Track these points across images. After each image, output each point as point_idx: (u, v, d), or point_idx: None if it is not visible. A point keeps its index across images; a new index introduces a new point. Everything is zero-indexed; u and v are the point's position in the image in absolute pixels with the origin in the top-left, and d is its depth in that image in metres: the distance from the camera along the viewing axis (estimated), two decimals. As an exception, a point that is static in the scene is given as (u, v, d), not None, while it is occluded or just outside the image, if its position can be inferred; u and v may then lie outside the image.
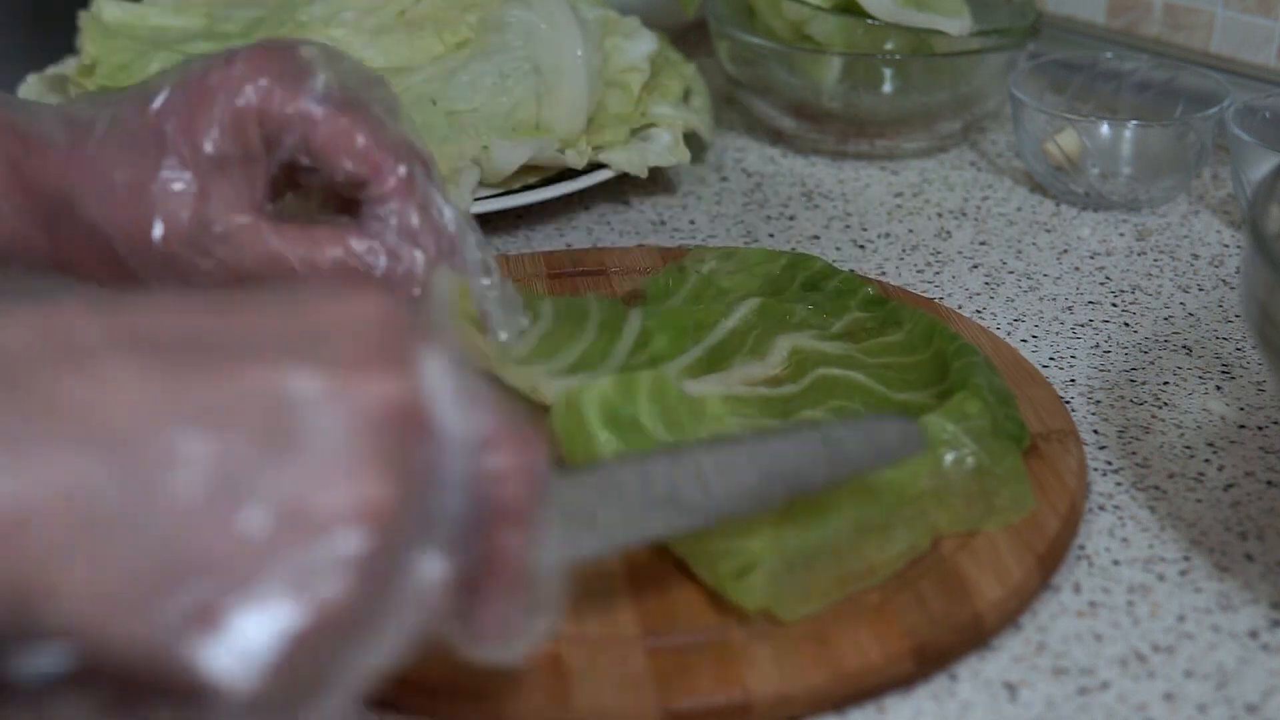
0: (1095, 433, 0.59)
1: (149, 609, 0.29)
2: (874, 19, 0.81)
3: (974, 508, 0.50)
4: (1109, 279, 0.72)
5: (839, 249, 0.75)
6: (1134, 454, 0.57)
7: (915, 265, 0.73)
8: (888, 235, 0.76)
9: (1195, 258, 0.74)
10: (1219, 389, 0.62)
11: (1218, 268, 0.73)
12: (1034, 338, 0.66)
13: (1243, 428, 0.59)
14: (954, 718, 0.44)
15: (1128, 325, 0.67)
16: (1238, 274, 0.71)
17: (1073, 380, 0.63)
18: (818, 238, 0.76)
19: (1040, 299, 0.70)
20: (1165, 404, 0.61)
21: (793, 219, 0.78)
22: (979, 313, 0.68)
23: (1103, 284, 0.71)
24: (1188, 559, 0.51)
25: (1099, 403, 0.61)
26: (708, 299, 0.63)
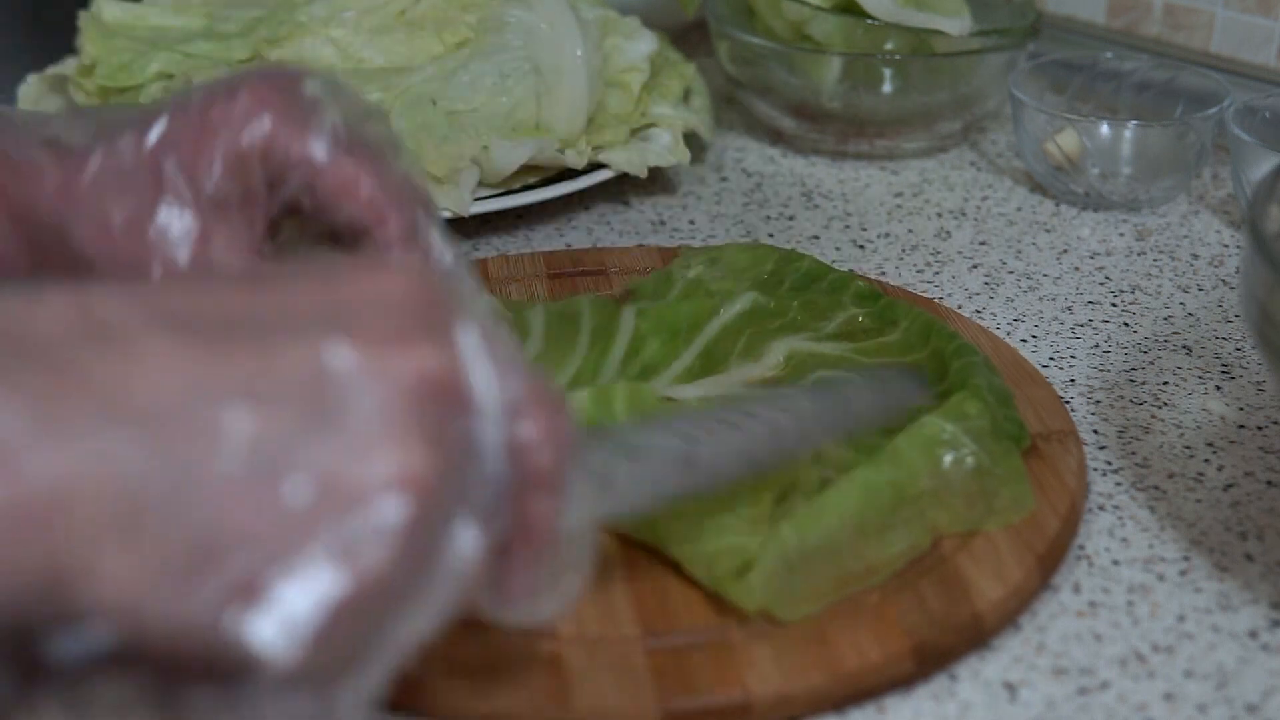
0: (1095, 433, 0.59)
1: (189, 586, 0.29)
2: (874, 19, 0.81)
3: (974, 508, 0.50)
4: (1109, 279, 0.72)
5: (839, 249, 0.75)
6: (1134, 454, 0.57)
7: (915, 265, 0.73)
8: (887, 235, 0.76)
9: (1195, 258, 0.74)
10: (1219, 389, 0.62)
11: (1218, 268, 0.73)
12: (1034, 338, 0.66)
13: (1242, 428, 0.59)
14: (954, 718, 0.44)
15: (1127, 325, 0.67)
16: (1238, 274, 0.71)
17: (1072, 380, 0.63)
18: (817, 238, 0.76)
19: (1040, 299, 0.70)
20: (1165, 404, 0.61)
21: (792, 219, 0.78)
22: (979, 313, 0.68)
23: (1102, 284, 0.71)
24: (1188, 559, 0.51)
25: (1099, 403, 0.61)
26: (698, 297, 0.63)
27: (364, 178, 0.49)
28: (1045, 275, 0.72)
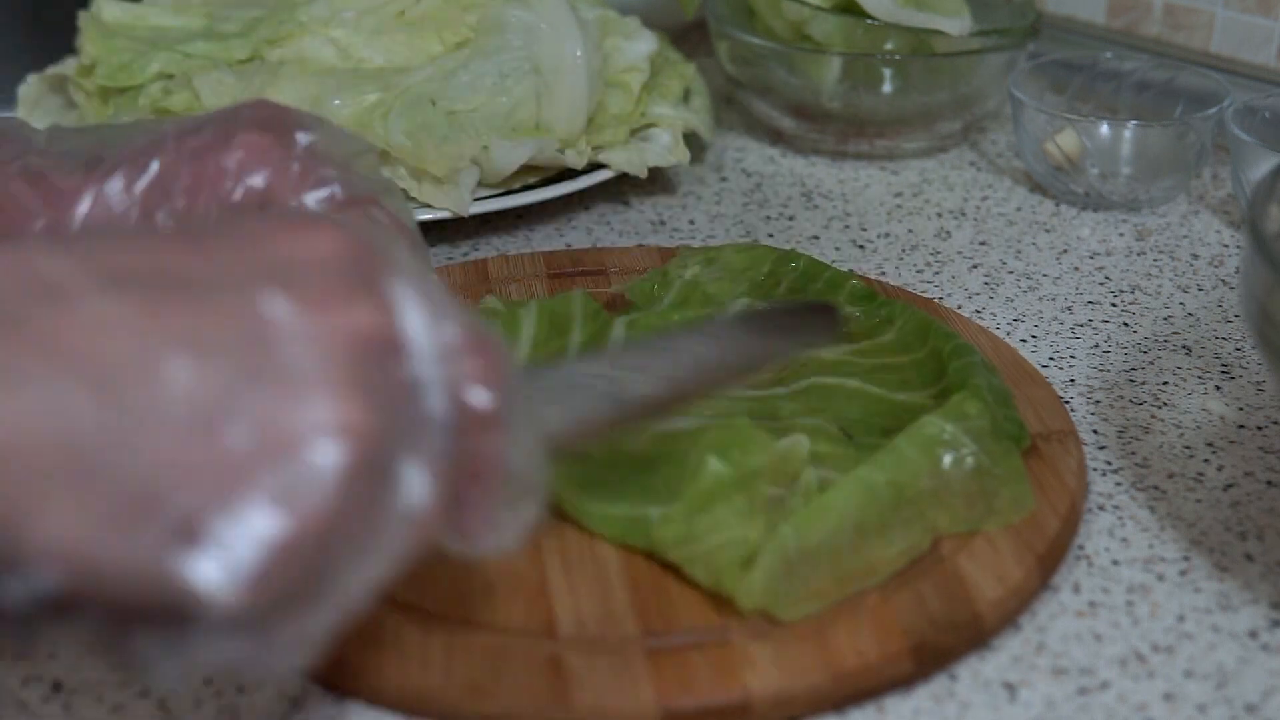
0: (1095, 433, 0.59)
1: (133, 530, 0.30)
2: (874, 19, 0.81)
3: (974, 508, 0.50)
4: (1109, 279, 0.72)
5: (838, 249, 0.75)
6: (1134, 454, 0.57)
7: (915, 265, 0.73)
8: (887, 235, 0.76)
9: (1195, 258, 0.74)
10: (1219, 389, 0.62)
11: (1217, 268, 0.73)
12: (1033, 338, 0.66)
13: (1242, 428, 0.59)
14: (954, 718, 0.44)
15: (1127, 325, 0.67)
16: (1237, 274, 0.71)
17: (1072, 380, 0.63)
18: (817, 238, 0.76)
19: (1040, 299, 0.70)
20: (1165, 404, 0.61)
21: (792, 219, 0.78)
22: (979, 313, 0.68)
23: (1102, 284, 0.71)
24: (1187, 559, 0.51)
25: (1098, 403, 0.61)
26: (694, 305, 0.63)
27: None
28: (1045, 275, 0.72)
